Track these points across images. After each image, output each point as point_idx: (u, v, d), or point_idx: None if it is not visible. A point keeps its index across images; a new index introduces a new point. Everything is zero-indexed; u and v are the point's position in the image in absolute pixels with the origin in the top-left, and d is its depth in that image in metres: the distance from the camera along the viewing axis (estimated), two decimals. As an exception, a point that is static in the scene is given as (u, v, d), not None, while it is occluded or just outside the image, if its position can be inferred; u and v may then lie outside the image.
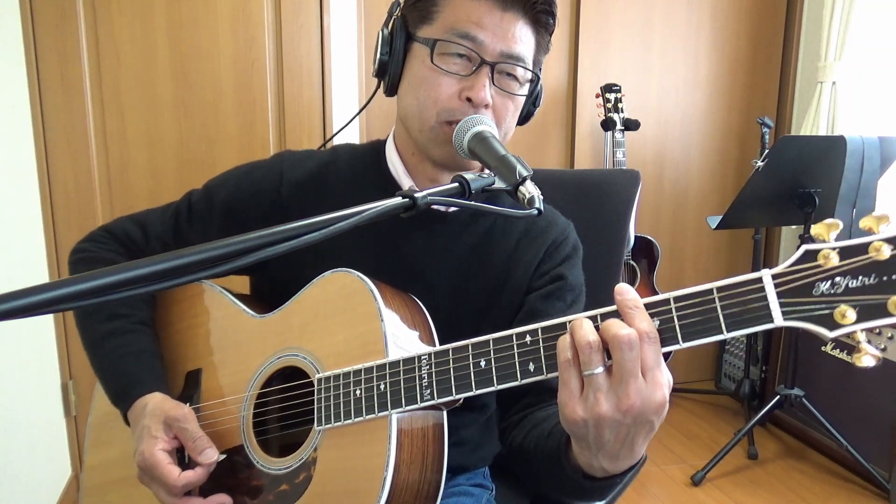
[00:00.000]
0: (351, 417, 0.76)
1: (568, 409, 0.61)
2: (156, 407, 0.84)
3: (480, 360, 0.69)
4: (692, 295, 0.59)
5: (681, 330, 0.60)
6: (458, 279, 0.94)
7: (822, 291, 0.55)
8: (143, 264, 0.50)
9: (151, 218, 1.01)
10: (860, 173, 2.05)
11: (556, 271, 0.96)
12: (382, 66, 0.91)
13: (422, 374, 0.72)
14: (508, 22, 0.85)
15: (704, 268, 3.05)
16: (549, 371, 0.64)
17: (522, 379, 0.66)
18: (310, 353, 0.84)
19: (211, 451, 0.82)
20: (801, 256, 0.57)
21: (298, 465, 0.81)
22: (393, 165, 0.97)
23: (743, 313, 0.57)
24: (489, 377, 0.68)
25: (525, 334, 0.66)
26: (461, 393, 0.70)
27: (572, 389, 0.60)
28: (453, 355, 0.71)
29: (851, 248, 0.55)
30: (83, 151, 2.13)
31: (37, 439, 1.97)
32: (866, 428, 2.28)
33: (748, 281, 0.58)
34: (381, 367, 0.76)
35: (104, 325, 0.92)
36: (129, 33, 2.13)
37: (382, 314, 0.78)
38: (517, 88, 0.89)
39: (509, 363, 0.67)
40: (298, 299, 0.88)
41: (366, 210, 0.62)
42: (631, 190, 1.22)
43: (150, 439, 0.81)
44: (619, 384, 0.58)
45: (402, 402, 0.73)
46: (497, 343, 0.68)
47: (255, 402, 0.87)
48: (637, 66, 2.78)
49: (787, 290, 0.56)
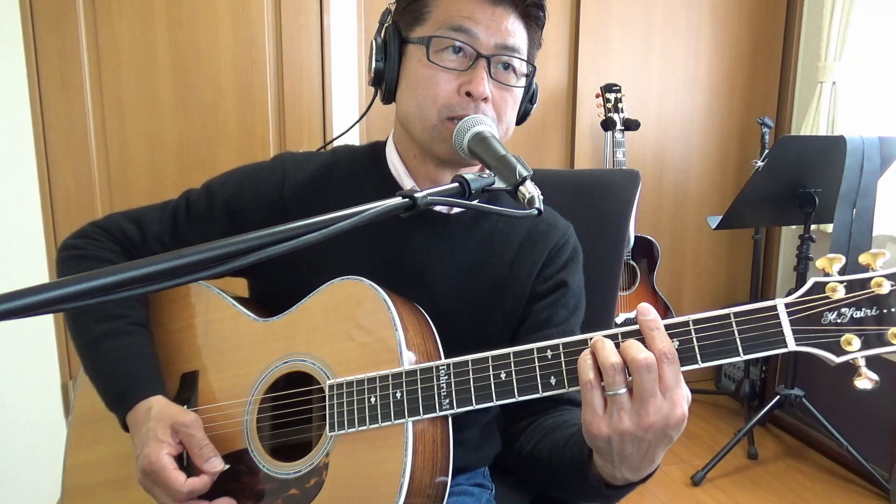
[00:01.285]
0: (366, 424, 0.78)
1: (594, 427, 0.64)
2: (161, 411, 0.83)
3: (501, 373, 0.73)
4: (710, 318, 0.65)
5: (700, 351, 0.65)
6: (460, 282, 0.94)
7: (830, 321, 0.62)
8: (143, 264, 0.50)
9: (148, 216, 0.99)
10: (860, 173, 2.05)
11: (558, 277, 0.97)
12: (378, 73, 0.91)
13: (440, 383, 0.75)
14: (500, 16, 0.86)
15: (704, 268, 3.05)
16: (571, 385, 0.69)
17: (544, 391, 0.70)
18: (319, 359, 0.84)
19: (216, 459, 0.82)
20: (811, 288, 0.64)
21: (309, 470, 0.81)
22: (394, 167, 0.96)
23: (758, 338, 0.64)
24: (510, 388, 0.72)
25: (546, 349, 0.70)
26: (481, 403, 0.73)
27: (596, 408, 0.64)
28: (473, 366, 0.74)
29: (855, 283, 0.62)
30: (83, 151, 2.13)
31: (37, 439, 1.97)
32: (866, 428, 2.28)
33: (763, 308, 0.64)
34: (398, 376, 0.77)
35: (100, 326, 0.91)
36: (129, 33, 2.13)
37: (397, 324, 0.80)
38: (514, 81, 0.89)
39: (530, 376, 0.71)
40: (305, 305, 0.88)
41: (366, 210, 0.61)
42: (631, 190, 1.22)
43: (157, 443, 0.80)
44: (640, 403, 0.62)
45: (420, 410, 0.76)
46: (518, 356, 0.72)
47: (259, 407, 0.87)
48: (637, 66, 2.78)
49: (798, 318, 0.63)
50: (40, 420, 2.03)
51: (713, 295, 3.07)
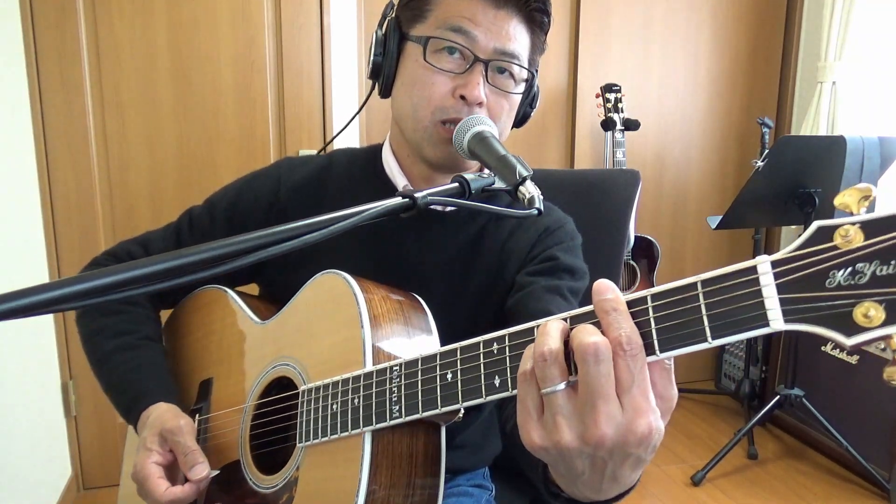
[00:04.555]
0: (328, 434, 0.70)
1: (524, 434, 0.50)
2: (156, 419, 0.83)
3: (447, 373, 0.59)
4: (673, 291, 0.47)
5: (657, 336, 0.47)
6: (454, 275, 0.94)
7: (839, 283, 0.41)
8: (143, 264, 0.50)
9: (153, 237, 1.01)
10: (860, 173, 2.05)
11: (546, 253, 0.92)
12: (376, 67, 0.90)
13: (392, 387, 0.65)
14: (502, 20, 0.84)
15: (704, 268, 2.98)
16: (515, 386, 0.52)
17: (487, 395, 0.56)
18: (298, 361, 0.80)
19: (201, 466, 0.78)
20: (812, 236, 0.43)
21: (283, 485, 0.76)
22: (389, 167, 0.96)
23: (732, 314, 0.44)
24: (454, 392, 0.59)
25: (493, 342, 0.56)
26: (427, 410, 0.61)
27: (529, 409, 0.50)
28: (422, 366, 0.62)
29: (881, 222, 0.40)
30: (83, 151, 2.13)
31: (37, 439, 1.97)
32: (866, 428, 2.27)
33: (741, 271, 0.44)
34: (357, 379, 0.69)
35: (110, 342, 0.92)
36: (129, 33, 2.13)
37: (363, 319, 0.71)
38: (512, 87, 0.88)
39: (475, 376, 0.57)
40: (293, 304, 0.85)
41: (365, 210, 0.61)
42: (631, 190, 1.22)
43: (145, 451, 0.80)
44: (584, 407, 0.47)
45: (373, 418, 0.66)
46: (464, 352, 0.59)
47: (254, 414, 0.84)
48: (637, 66, 2.78)
49: (790, 281, 0.43)
50: (40, 420, 2.03)
51: (713, 295, 3.07)
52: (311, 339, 0.79)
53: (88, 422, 2.25)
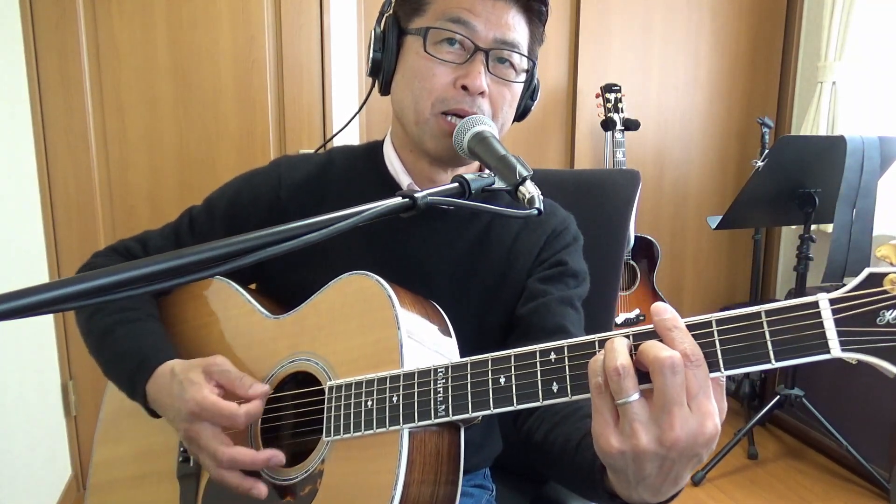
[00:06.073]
0: (361, 430, 0.73)
1: (602, 440, 0.55)
2: (186, 365, 0.81)
3: (500, 377, 0.65)
4: (737, 318, 0.54)
5: (723, 356, 0.54)
6: (459, 274, 0.94)
7: (888, 321, 0.50)
8: (143, 264, 0.50)
9: (152, 234, 1.01)
10: (860, 173, 2.05)
11: (556, 258, 0.95)
12: (376, 63, 0.90)
13: (437, 387, 0.69)
14: (501, 9, 0.85)
15: (704, 268, 3.05)
16: (575, 392, 0.60)
17: (544, 399, 0.62)
18: (322, 358, 0.81)
19: (258, 384, 0.79)
20: (864, 280, 0.52)
21: (304, 477, 0.78)
22: (391, 164, 0.96)
23: (794, 341, 0.52)
24: (508, 395, 0.64)
25: (550, 351, 0.62)
26: (478, 411, 0.66)
27: (606, 418, 0.55)
28: (471, 370, 0.67)
29: None
30: (83, 151, 2.13)
31: (37, 439, 1.97)
32: (866, 428, 2.28)
33: (802, 305, 0.52)
34: (395, 379, 0.72)
35: (112, 317, 0.91)
36: (129, 33, 2.13)
37: (399, 321, 0.75)
38: (513, 76, 0.88)
39: (531, 381, 0.63)
40: (314, 301, 0.86)
41: (366, 210, 0.61)
42: (631, 190, 1.22)
43: (195, 386, 0.78)
44: (661, 413, 0.52)
45: (416, 416, 0.70)
46: (519, 359, 0.64)
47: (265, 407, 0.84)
48: (637, 66, 2.78)
49: (846, 317, 0.51)
50: (40, 420, 2.03)
51: (713, 295, 3.07)
52: (338, 337, 0.81)
53: (88, 422, 2.25)
